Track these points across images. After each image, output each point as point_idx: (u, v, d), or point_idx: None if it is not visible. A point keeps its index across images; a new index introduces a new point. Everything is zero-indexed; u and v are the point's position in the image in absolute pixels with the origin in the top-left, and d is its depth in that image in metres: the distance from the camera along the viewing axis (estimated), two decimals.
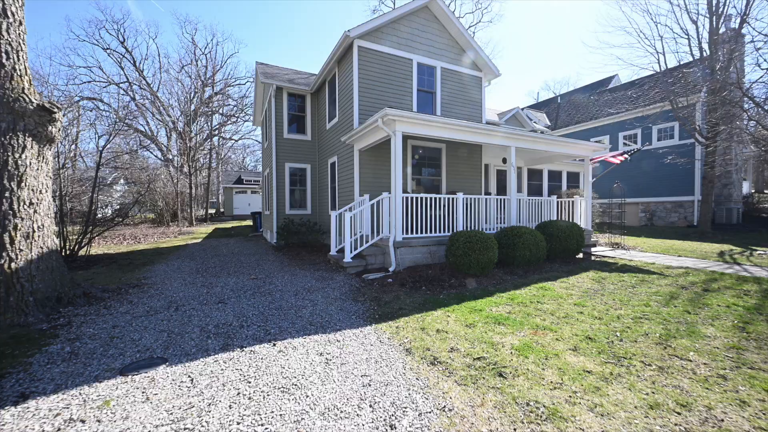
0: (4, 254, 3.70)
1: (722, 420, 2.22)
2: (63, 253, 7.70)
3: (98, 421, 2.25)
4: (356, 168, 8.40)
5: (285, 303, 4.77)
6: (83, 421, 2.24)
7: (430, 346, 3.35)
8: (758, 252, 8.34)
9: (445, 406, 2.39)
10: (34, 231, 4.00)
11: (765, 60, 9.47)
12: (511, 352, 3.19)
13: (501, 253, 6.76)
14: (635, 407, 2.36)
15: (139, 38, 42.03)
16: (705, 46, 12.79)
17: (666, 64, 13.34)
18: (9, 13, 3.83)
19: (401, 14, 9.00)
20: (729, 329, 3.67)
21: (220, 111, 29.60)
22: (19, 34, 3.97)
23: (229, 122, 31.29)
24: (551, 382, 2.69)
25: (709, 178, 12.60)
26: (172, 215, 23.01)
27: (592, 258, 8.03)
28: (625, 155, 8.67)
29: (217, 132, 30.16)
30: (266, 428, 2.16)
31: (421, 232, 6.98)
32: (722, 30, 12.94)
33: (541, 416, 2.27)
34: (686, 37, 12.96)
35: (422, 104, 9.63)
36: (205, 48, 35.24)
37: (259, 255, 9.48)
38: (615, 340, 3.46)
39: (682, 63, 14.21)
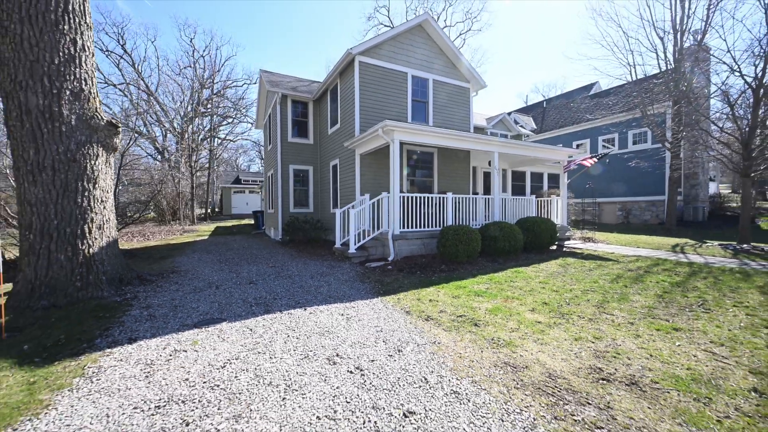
0: (84, 241, 4.63)
1: (620, 345, 3.31)
2: None
3: (195, 351, 3.23)
4: (357, 170, 9.41)
5: (304, 283, 5.77)
6: (185, 351, 3.22)
7: (424, 310, 4.40)
8: (706, 244, 9.62)
9: (435, 341, 3.44)
10: (104, 223, 4.92)
11: (704, 80, 10.70)
12: (485, 313, 4.26)
13: (484, 245, 7.85)
14: (564, 339, 3.45)
15: (138, 40, 42.52)
16: (671, 58, 14.13)
17: (636, 76, 14.67)
18: (86, 47, 4.75)
19: (398, 33, 10.04)
20: (651, 296, 4.81)
21: (218, 112, 30.23)
22: (92, 63, 4.88)
23: (224, 122, 31.96)
24: (511, 328, 3.77)
25: (673, 180, 13.96)
26: (173, 214, 23.67)
27: (564, 249, 9.20)
28: (594, 159, 9.85)
29: (214, 133, 30.78)
30: (314, 352, 3.18)
31: (416, 227, 8.03)
32: (686, 45, 14.32)
33: (500, 345, 3.34)
34: (654, 51, 14.29)
35: (416, 112, 10.68)
36: (204, 50, 35.76)
37: (269, 249, 10.41)
38: (564, 304, 4.56)
39: (649, 75, 15.55)
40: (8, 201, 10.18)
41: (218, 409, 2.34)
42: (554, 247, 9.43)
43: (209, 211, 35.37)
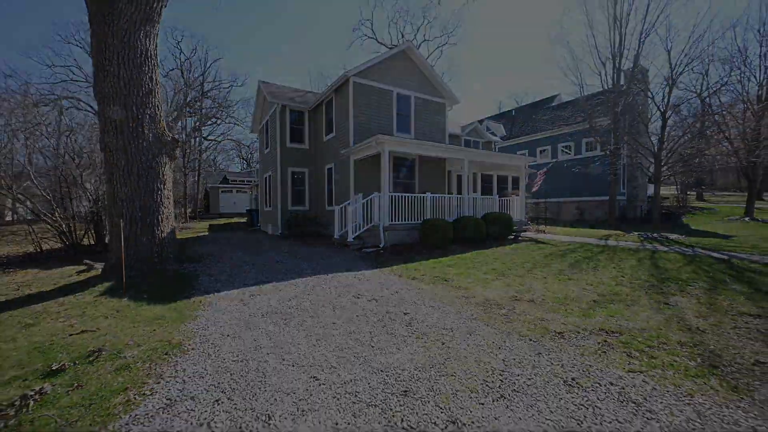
0: (158, 228, 6.18)
1: (532, 287, 5.35)
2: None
3: (265, 295, 4.96)
4: (351, 174, 11.20)
5: (318, 262, 7.53)
6: (259, 295, 4.95)
7: (411, 274, 6.30)
8: (630, 234, 12.16)
9: (419, 288, 5.35)
10: (169, 215, 6.47)
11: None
12: (453, 275, 6.21)
13: (456, 234, 9.87)
14: (500, 286, 5.45)
15: None
16: (610, 81, 16.87)
17: (584, 93, 17.33)
18: (157, 81, 6.28)
19: (385, 58, 11.92)
20: (565, 264, 6.96)
21: (205, 113, 30.90)
22: (160, 93, 6.42)
23: (209, 123, 32.63)
24: (469, 281, 5.73)
25: (613, 182, 16.71)
26: None
27: (519, 238, 11.42)
28: (546, 171, 12.16)
29: (200, 133, 31.41)
30: (344, 294, 5.00)
31: (402, 220, 9.93)
32: (625, 67, 17.12)
33: (460, 289, 5.29)
34: (598, 74, 17.00)
35: (400, 124, 12.59)
36: (192, 53, 36.17)
37: (273, 241, 11.98)
38: (506, 269, 6.61)
39: (595, 93, 18.30)
40: (18, 198, 11.04)
41: (299, 314, 4.12)
42: (512, 237, 11.63)
43: (196, 210, 35.80)
